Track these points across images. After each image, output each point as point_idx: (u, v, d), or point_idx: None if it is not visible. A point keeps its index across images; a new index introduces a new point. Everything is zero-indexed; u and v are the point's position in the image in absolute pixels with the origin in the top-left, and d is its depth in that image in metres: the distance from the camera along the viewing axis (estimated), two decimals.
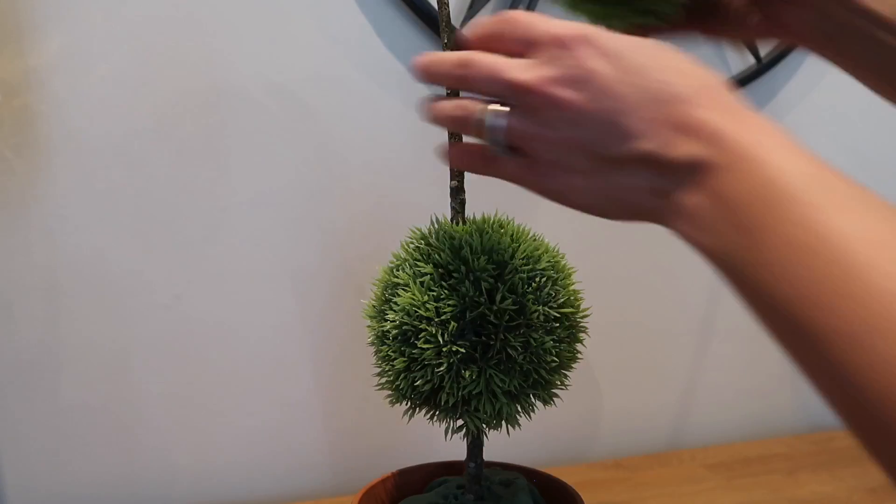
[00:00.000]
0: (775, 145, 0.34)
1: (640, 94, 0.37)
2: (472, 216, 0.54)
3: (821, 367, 0.30)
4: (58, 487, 0.79)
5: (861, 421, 0.30)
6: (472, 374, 0.48)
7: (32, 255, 0.75)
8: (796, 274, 0.31)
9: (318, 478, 0.87)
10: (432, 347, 0.48)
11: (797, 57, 0.98)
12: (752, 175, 0.33)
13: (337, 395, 0.86)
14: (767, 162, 0.33)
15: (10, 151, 0.74)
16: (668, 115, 0.36)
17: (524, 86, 0.39)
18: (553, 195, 0.42)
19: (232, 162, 0.79)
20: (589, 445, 0.96)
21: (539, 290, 0.50)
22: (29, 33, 0.73)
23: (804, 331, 0.30)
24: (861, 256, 0.29)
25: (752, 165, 0.33)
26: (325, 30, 0.80)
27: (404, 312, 0.49)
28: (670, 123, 0.36)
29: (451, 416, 0.51)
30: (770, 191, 0.32)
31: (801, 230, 0.31)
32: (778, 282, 0.31)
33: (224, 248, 0.80)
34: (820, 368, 0.31)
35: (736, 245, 0.33)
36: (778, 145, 0.34)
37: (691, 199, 0.36)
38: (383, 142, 0.84)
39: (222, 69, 0.78)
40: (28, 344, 0.76)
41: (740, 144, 0.34)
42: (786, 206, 0.32)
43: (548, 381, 0.51)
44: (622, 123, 0.37)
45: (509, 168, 0.42)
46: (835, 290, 0.29)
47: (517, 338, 0.49)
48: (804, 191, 0.32)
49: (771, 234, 0.32)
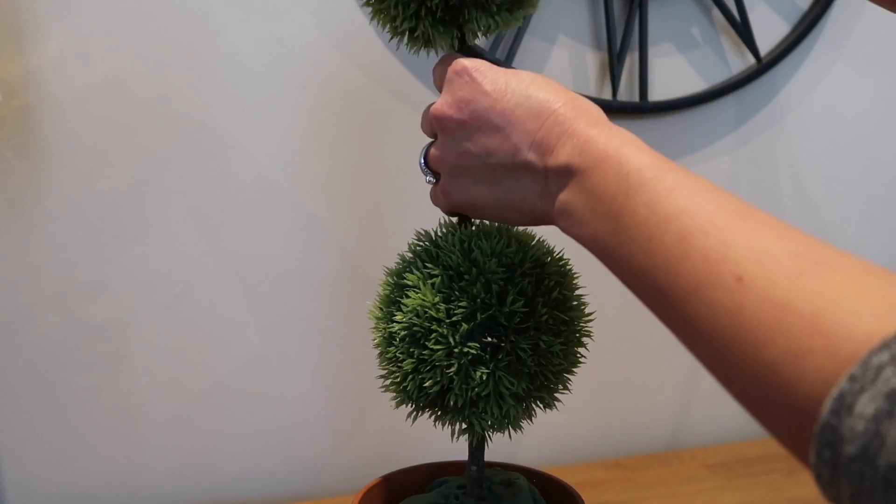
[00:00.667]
0: (631, 147, 0.41)
1: (521, 111, 0.44)
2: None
3: (677, 322, 0.36)
4: (58, 486, 0.79)
5: (713, 366, 0.34)
6: (482, 375, 0.48)
7: (32, 255, 0.75)
8: (648, 247, 0.37)
9: (318, 478, 0.87)
10: (443, 348, 0.48)
11: (797, 57, 0.98)
12: (614, 172, 0.40)
13: (337, 395, 0.86)
14: (625, 160, 0.40)
15: (10, 151, 0.74)
16: (546, 127, 0.44)
17: (431, 113, 0.47)
18: (463, 207, 0.49)
19: (232, 161, 0.79)
20: (589, 445, 0.96)
21: (548, 293, 0.50)
22: (29, 33, 0.73)
23: (660, 293, 0.37)
24: (692, 225, 0.35)
25: (612, 163, 0.40)
26: (326, 29, 0.80)
27: (414, 314, 0.49)
28: (548, 134, 0.43)
29: (456, 418, 0.51)
30: (627, 183, 0.39)
31: (650, 211, 0.37)
32: (636, 255, 0.38)
33: (224, 248, 0.80)
34: (677, 324, 0.36)
35: (605, 231, 0.40)
36: (633, 147, 0.41)
37: (569, 198, 0.42)
38: (384, 142, 0.84)
39: (222, 69, 0.78)
40: (28, 344, 0.76)
41: (604, 147, 0.41)
42: (639, 193, 0.38)
43: (553, 383, 0.51)
44: (508, 136, 0.44)
45: (433, 193, 0.50)
46: (676, 256, 0.35)
47: (526, 340, 0.49)
48: (652, 180, 0.38)
49: (629, 217, 0.38)
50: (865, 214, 1.05)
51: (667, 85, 0.92)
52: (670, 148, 0.94)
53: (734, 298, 0.32)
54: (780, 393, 0.30)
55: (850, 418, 0.26)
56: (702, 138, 0.96)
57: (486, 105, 0.45)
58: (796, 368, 0.29)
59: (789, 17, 0.96)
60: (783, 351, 0.29)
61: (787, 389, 0.29)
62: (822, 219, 1.03)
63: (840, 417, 0.26)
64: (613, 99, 0.89)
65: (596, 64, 0.90)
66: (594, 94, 0.90)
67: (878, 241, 1.06)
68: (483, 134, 0.45)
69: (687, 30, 0.93)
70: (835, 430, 0.26)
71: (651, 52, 0.91)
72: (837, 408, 0.26)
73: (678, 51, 0.93)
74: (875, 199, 1.05)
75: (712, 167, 0.96)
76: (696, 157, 0.96)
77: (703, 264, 0.34)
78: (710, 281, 0.33)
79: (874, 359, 0.26)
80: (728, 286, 0.32)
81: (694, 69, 0.93)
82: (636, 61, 0.90)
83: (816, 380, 0.28)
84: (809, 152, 1.01)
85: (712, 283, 0.33)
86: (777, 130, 0.99)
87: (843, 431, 0.26)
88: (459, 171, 0.47)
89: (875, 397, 0.25)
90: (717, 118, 0.96)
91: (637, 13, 0.89)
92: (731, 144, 0.97)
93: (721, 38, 0.94)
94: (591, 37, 0.89)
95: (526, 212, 0.46)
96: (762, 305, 0.31)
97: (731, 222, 0.35)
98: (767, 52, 0.95)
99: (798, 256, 0.32)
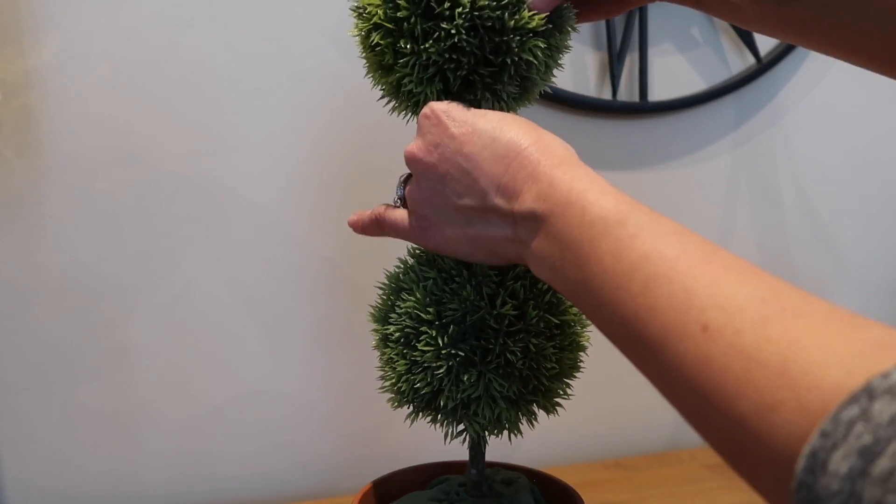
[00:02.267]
0: (596, 190, 0.40)
1: (487, 153, 0.44)
2: None
3: (650, 372, 0.35)
4: (58, 486, 0.79)
5: (689, 417, 0.34)
6: (472, 377, 0.48)
7: (32, 255, 0.75)
8: (616, 296, 0.36)
9: (318, 478, 0.87)
10: (432, 350, 0.48)
11: (797, 57, 0.98)
12: (578, 219, 0.39)
13: (337, 395, 0.86)
14: (588, 206, 0.39)
15: (10, 151, 0.74)
16: (511, 171, 0.43)
17: (405, 155, 0.48)
18: (439, 248, 0.49)
19: (232, 161, 0.79)
20: (589, 445, 0.96)
21: (541, 296, 0.50)
22: (29, 33, 0.73)
23: (632, 342, 0.36)
24: (656, 272, 0.35)
25: (576, 210, 0.40)
26: (326, 29, 0.80)
27: (407, 316, 0.50)
28: (514, 178, 0.43)
29: (451, 420, 0.51)
30: (592, 231, 0.38)
31: (615, 259, 0.37)
32: (606, 305, 0.37)
33: (224, 249, 0.80)
34: (651, 373, 0.35)
35: (574, 279, 0.39)
36: (598, 190, 0.40)
37: (538, 245, 0.42)
38: (385, 143, 0.84)
39: (222, 69, 0.78)
40: (28, 344, 0.76)
41: (567, 193, 0.40)
42: (603, 241, 0.38)
43: (548, 388, 0.51)
44: (475, 180, 0.44)
45: (409, 231, 0.50)
46: (643, 305, 0.35)
47: (516, 343, 0.49)
48: (616, 227, 0.38)
49: (596, 266, 0.38)
50: (865, 214, 1.05)
51: (667, 85, 0.92)
52: (670, 148, 0.94)
53: (701, 349, 0.32)
54: (753, 447, 0.29)
55: (824, 477, 0.26)
56: (702, 138, 0.96)
57: (452, 148, 0.45)
58: (767, 422, 0.28)
59: None
60: (753, 404, 0.29)
61: (761, 443, 0.29)
62: (822, 219, 1.03)
63: (815, 476, 0.26)
64: (613, 99, 0.89)
65: (596, 64, 0.90)
66: (594, 94, 0.90)
67: (878, 240, 1.06)
68: (452, 178, 0.45)
69: (687, 30, 0.93)
70: (811, 489, 0.26)
71: (651, 52, 0.91)
72: (811, 465, 0.26)
73: (678, 51, 0.93)
74: (874, 198, 1.05)
75: (712, 167, 0.96)
76: (696, 157, 0.96)
77: (669, 313, 0.33)
78: (678, 331, 0.33)
79: (844, 413, 0.26)
80: (695, 336, 0.32)
81: (694, 69, 0.93)
82: (636, 61, 0.90)
83: (788, 434, 0.28)
84: (809, 152, 1.01)
85: (679, 332, 0.33)
86: (777, 130, 0.99)
87: (819, 490, 0.26)
88: (433, 213, 0.47)
89: (848, 455, 0.25)
90: (717, 118, 0.96)
91: (637, 13, 0.89)
92: (731, 144, 0.97)
93: (721, 38, 0.94)
94: (591, 37, 0.89)
95: (500, 253, 0.46)
96: (729, 356, 0.30)
97: (693, 267, 0.34)
98: (767, 52, 0.95)
99: (763, 302, 0.31)
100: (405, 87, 0.48)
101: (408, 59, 0.47)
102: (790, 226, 1.01)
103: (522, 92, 0.50)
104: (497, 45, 0.46)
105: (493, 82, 0.47)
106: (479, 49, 0.46)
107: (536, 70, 0.48)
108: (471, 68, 0.47)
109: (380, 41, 0.47)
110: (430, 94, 0.48)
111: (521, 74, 0.48)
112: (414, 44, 0.46)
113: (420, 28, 0.46)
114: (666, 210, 0.39)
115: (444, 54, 0.46)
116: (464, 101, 0.47)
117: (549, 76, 0.50)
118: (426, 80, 0.47)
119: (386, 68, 0.49)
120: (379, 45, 0.48)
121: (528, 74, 0.48)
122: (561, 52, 0.49)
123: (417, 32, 0.46)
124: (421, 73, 0.47)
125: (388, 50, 0.47)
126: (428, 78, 0.47)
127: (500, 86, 0.48)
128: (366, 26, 0.48)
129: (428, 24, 0.46)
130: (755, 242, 0.99)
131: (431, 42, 0.46)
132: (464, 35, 0.45)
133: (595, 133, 0.91)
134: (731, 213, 0.98)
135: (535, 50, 0.46)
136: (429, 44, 0.46)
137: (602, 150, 0.92)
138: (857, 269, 1.06)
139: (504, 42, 0.46)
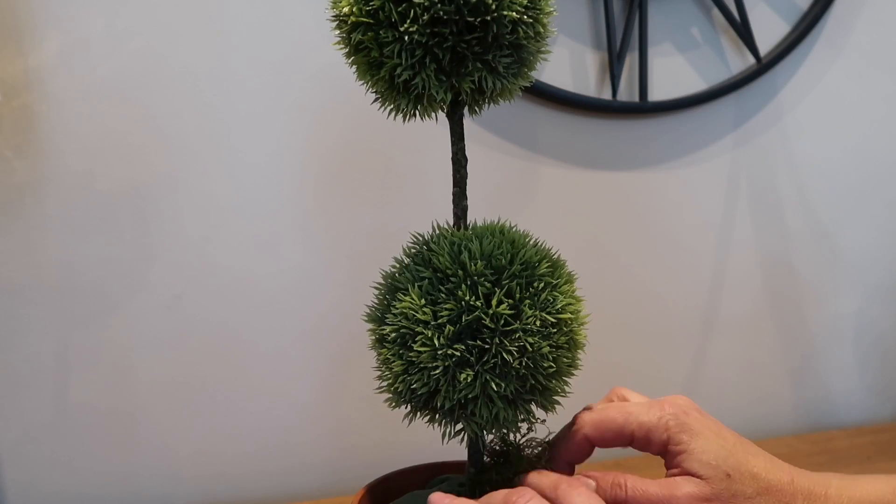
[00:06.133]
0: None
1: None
2: (473, 222, 0.54)
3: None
4: (58, 486, 0.79)
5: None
6: (468, 377, 0.48)
7: (32, 256, 0.75)
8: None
9: (318, 478, 0.87)
10: (428, 351, 0.48)
11: (797, 57, 0.98)
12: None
13: (337, 395, 0.86)
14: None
15: (10, 151, 0.74)
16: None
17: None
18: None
19: (232, 161, 0.79)
20: None
21: (536, 295, 0.50)
22: (29, 33, 0.73)
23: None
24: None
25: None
26: (325, 28, 0.80)
27: (402, 316, 0.50)
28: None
29: (449, 420, 0.51)
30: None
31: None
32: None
33: (224, 248, 0.80)
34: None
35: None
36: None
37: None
38: (385, 143, 0.84)
39: (222, 69, 0.78)
40: (28, 344, 0.76)
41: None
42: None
43: (546, 387, 0.51)
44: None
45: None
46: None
47: (513, 342, 0.49)
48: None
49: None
50: (866, 215, 1.05)
51: (667, 85, 0.92)
52: (670, 148, 0.94)
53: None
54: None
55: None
56: (702, 138, 0.96)
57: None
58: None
59: (789, 17, 0.96)
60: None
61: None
62: (822, 219, 1.03)
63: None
64: (613, 99, 0.89)
65: (596, 64, 0.90)
66: (594, 94, 0.90)
67: (878, 241, 1.06)
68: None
69: (687, 30, 0.93)
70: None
71: (651, 52, 0.91)
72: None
73: (678, 51, 0.93)
74: (875, 199, 1.05)
75: (712, 167, 0.96)
76: (696, 157, 0.96)
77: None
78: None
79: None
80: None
81: (694, 69, 0.93)
82: (636, 61, 0.90)
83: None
84: (809, 152, 1.01)
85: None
86: (777, 130, 0.99)
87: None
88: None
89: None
90: (717, 118, 0.96)
91: (637, 13, 0.89)
92: (731, 144, 0.97)
93: (721, 38, 0.94)
94: (590, 37, 0.89)
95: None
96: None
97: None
98: (767, 52, 0.95)
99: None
100: (399, 78, 0.48)
101: (392, 46, 0.47)
102: (790, 226, 1.01)
103: (518, 65, 0.49)
104: (474, 6, 0.46)
105: (482, 51, 0.47)
106: (458, 14, 0.46)
107: (524, 33, 0.47)
108: (455, 39, 0.47)
109: (362, 38, 0.47)
110: (425, 77, 0.47)
111: (509, 40, 0.48)
112: (394, 30, 0.46)
113: (395, 13, 0.46)
114: (666, 210, 0.38)
115: (426, 30, 0.46)
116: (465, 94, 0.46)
117: (541, 43, 0.50)
118: (417, 64, 0.47)
119: (375, 64, 0.49)
120: (362, 43, 0.47)
121: (516, 41, 0.48)
122: (544, 12, 0.49)
123: (394, 18, 0.46)
124: (409, 58, 0.47)
125: (372, 45, 0.47)
126: (418, 61, 0.47)
127: (490, 55, 0.47)
128: (346, 29, 0.48)
129: (402, 7, 0.46)
130: (755, 243, 0.99)
131: (409, 22, 0.46)
132: (437, 4, 0.45)
133: (595, 133, 0.91)
134: (731, 213, 0.97)
135: (513, 6, 0.46)
136: (407, 24, 0.46)
137: (602, 150, 0.92)
138: (857, 269, 1.06)
139: (481, 1, 0.45)
